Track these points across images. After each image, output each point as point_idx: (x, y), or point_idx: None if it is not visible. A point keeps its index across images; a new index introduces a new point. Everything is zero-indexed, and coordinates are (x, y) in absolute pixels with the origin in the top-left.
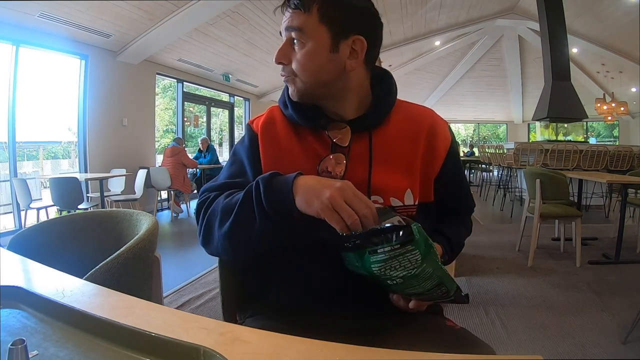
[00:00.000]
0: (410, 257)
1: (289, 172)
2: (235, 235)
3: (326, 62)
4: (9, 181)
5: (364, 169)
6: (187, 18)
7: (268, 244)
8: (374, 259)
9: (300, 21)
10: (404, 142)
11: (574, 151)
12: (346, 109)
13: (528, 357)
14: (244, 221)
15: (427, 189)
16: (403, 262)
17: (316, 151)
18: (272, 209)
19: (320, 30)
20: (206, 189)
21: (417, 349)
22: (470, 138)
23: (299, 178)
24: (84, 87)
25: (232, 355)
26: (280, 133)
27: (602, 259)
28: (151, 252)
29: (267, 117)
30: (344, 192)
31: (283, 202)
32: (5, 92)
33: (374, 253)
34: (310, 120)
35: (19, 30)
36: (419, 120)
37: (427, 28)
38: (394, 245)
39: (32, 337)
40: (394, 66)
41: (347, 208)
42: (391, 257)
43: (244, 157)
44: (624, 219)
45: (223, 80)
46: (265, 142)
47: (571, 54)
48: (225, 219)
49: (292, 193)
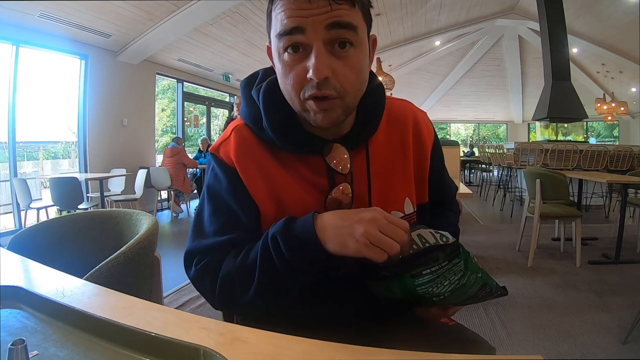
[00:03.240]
0: (455, 269)
1: (290, 205)
2: (264, 297)
3: (368, 70)
4: (9, 181)
5: (363, 187)
6: (187, 18)
7: (300, 291)
8: (419, 282)
9: (353, 17)
10: (396, 148)
11: (574, 151)
12: (346, 124)
13: (528, 357)
14: (270, 281)
15: (421, 191)
16: (449, 276)
17: (308, 178)
18: (300, 261)
19: (364, 30)
20: (197, 250)
21: (411, 346)
22: (470, 138)
23: (319, 219)
24: (84, 87)
25: (232, 355)
26: (262, 161)
27: (602, 259)
28: (151, 252)
29: (238, 143)
30: (378, 222)
31: (311, 251)
32: (5, 92)
33: (419, 276)
34: (304, 146)
35: (19, 30)
36: (402, 119)
37: (427, 28)
38: (441, 264)
39: (32, 337)
40: (394, 66)
41: (387, 239)
42: (438, 276)
43: (229, 201)
44: (624, 219)
45: (223, 80)
46: (249, 177)
47: (571, 54)
48: (246, 284)
49: (318, 240)
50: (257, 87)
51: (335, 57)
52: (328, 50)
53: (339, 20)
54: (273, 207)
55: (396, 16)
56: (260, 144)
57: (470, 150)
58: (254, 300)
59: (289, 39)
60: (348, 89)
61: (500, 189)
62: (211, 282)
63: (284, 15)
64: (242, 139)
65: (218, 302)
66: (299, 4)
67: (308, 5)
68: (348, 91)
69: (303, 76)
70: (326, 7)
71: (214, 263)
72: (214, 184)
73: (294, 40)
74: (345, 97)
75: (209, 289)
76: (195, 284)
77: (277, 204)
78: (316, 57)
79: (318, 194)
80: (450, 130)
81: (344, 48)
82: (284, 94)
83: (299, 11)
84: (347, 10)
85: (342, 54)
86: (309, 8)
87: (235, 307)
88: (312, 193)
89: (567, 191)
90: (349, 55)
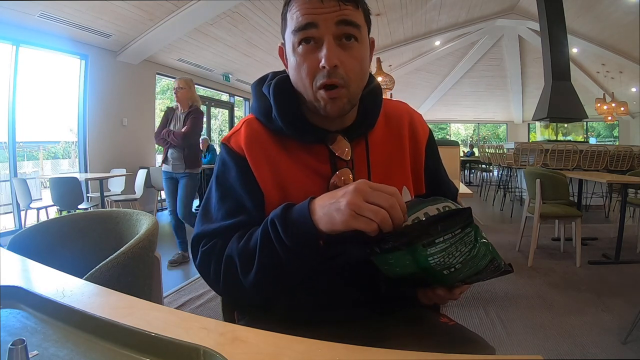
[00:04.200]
0: (466, 239)
1: (293, 191)
2: (264, 280)
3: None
4: (9, 181)
5: (363, 174)
6: (187, 18)
7: (300, 276)
8: (431, 251)
9: (357, 17)
10: (393, 141)
11: (574, 151)
12: (348, 118)
13: (528, 357)
14: (270, 265)
15: (418, 182)
16: (460, 246)
17: (312, 166)
18: (297, 244)
19: (366, 30)
20: (204, 234)
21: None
22: (470, 138)
23: (313, 202)
24: (84, 87)
25: (232, 355)
26: (270, 150)
27: (602, 259)
28: (151, 252)
29: (248, 133)
30: (362, 192)
31: (306, 234)
32: (5, 92)
33: (431, 245)
34: (310, 135)
35: (19, 30)
36: (399, 117)
37: (427, 28)
38: (454, 231)
39: (32, 337)
40: (394, 66)
41: (371, 207)
42: (450, 245)
43: (237, 188)
44: (624, 219)
45: (223, 80)
46: (257, 165)
47: (571, 54)
48: (247, 267)
49: (311, 220)
50: (267, 83)
51: (342, 49)
52: (337, 44)
53: (346, 18)
54: (277, 193)
55: (396, 16)
56: (269, 134)
57: (470, 150)
58: (254, 282)
59: (303, 33)
60: (353, 78)
61: (500, 189)
62: (215, 264)
63: (299, 14)
64: (252, 130)
65: (221, 286)
66: (312, 4)
67: (320, 5)
68: (353, 80)
69: (315, 65)
70: (336, 7)
71: (219, 245)
72: (223, 172)
73: (308, 34)
74: (350, 86)
75: (213, 271)
76: (201, 268)
77: (281, 190)
78: (327, 48)
79: (320, 181)
80: (450, 131)
81: (349, 41)
82: (297, 84)
83: (313, 9)
84: (353, 10)
85: (348, 46)
86: (321, 7)
87: (237, 292)
88: (314, 179)
89: (567, 191)
90: (353, 47)
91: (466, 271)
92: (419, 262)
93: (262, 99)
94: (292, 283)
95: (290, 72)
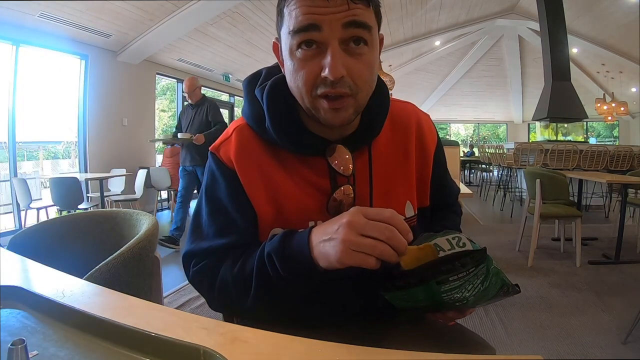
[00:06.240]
0: (479, 273)
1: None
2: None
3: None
4: (9, 181)
5: (365, 189)
6: (187, 18)
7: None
8: (445, 288)
9: (368, 17)
10: (398, 151)
11: (574, 151)
12: (351, 125)
13: (528, 357)
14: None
15: (423, 194)
16: (473, 281)
17: (310, 180)
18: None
19: (376, 29)
20: (194, 253)
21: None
22: (470, 138)
23: (311, 235)
24: (84, 87)
25: (232, 355)
26: (262, 162)
27: (602, 259)
28: (151, 252)
29: (239, 143)
30: (355, 225)
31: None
32: (5, 92)
33: (445, 282)
34: (307, 148)
35: (19, 30)
36: (406, 122)
37: (427, 28)
38: (469, 270)
39: (32, 337)
40: (394, 66)
41: (367, 241)
42: (465, 282)
43: (227, 205)
44: (624, 219)
45: (223, 80)
46: (248, 179)
47: (571, 54)
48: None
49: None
50: (260, 86)
51: (350, 55)
52: (343, 49)
53: (355, 19)
54: (272, 210)
55: (396, 16)
56: (262, 144)
57: (470, 150)
58: (251, 307)
59: (304, 35)
60: (361, 86)
61: (500, 189)
62: (209, 285)
63: (299, 12)
64: (244, 139)
65: (215, 306)
66: (316, 2)
67: (325, 3)
68: (361, 89)
69: (317, 73)
70: (344, 6)
71: (210, 266)
72: (212, 186)
73: (309, 37)
74: (357, 95)
75: (207, 291)
76: (194, 285)
77: (275, 207)
78: (332, 56)
79: (319, 196)
80: (450, 131)
81: (358, 45)
82: (294, 90)
83: (316, 9)
84: (363, 10)
85: (356, 52)
86: (327, 6)
87: (232, 312)
88: (313, 195)
89: (567, 191)
90: (363, 53)
91: (478, 301)
92: (432, 297)
93: (255, 104)
94: (289, 305)
95: (286, 75)
